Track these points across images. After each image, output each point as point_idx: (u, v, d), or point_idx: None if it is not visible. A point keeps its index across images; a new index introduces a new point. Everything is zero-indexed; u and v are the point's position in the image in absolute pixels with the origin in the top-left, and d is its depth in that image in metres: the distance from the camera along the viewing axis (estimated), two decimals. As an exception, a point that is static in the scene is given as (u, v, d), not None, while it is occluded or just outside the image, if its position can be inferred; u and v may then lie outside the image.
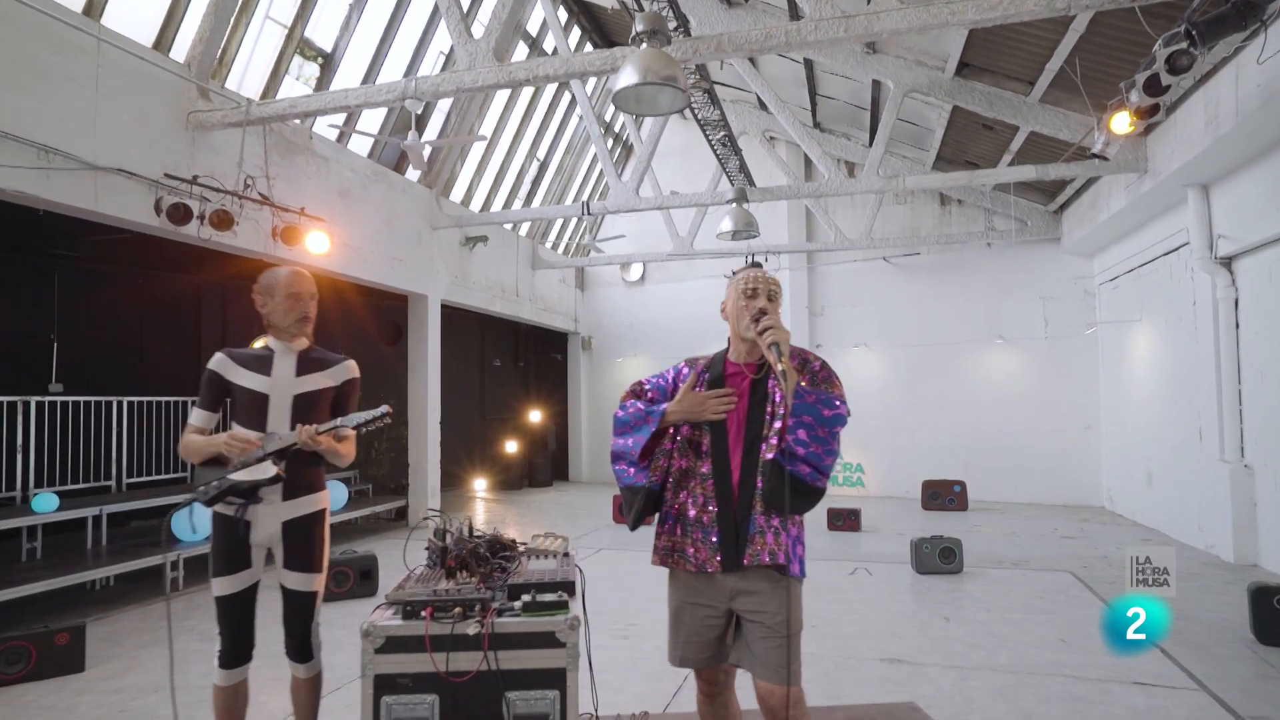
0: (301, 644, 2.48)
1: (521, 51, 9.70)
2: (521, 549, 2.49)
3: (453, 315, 11.44)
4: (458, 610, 1.86)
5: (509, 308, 11.49)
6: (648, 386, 2.31)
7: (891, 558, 6.97)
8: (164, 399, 7.64)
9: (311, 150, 7.28)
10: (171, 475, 7.70)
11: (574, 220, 13.74)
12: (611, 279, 14.04)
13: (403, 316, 9.59)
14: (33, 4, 4.82)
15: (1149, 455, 8.57)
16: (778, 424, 2.02)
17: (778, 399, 2.06)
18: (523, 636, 1.92)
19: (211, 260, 7.00)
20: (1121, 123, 5.59)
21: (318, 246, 6.35)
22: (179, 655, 4.27)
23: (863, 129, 10.72)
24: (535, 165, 11.72)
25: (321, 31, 7.07)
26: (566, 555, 2.38)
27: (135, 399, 7.36)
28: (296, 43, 6.77)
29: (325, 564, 2.57)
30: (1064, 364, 10.69)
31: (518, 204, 11.63)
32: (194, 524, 6.22)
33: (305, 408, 2.50)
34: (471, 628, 1.87)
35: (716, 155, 7.02)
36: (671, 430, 2.17)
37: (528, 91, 10.51)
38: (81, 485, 6.96)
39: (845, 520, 8.68)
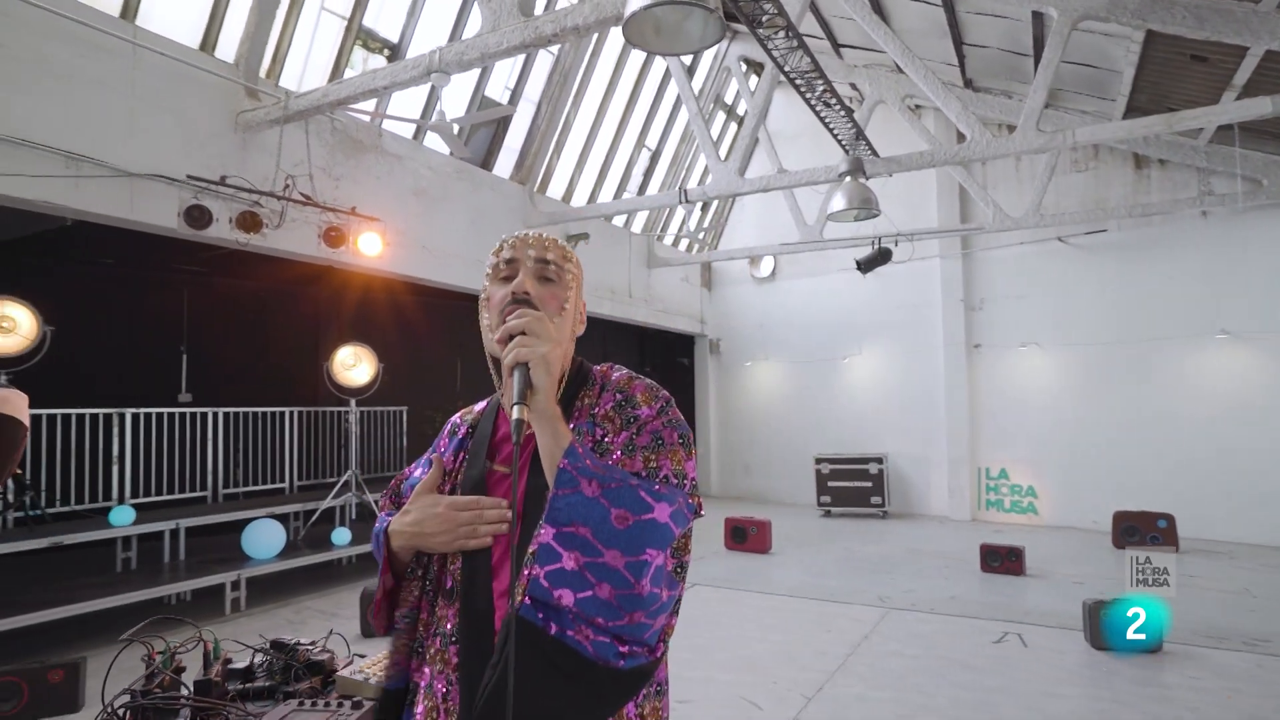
0: None
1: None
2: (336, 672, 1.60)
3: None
4: None
5: (620, 309, 10.73)
6: (405, 483, 1.33)
7: (1059, 619, 5.36)
8: (267, 409, 7.62)
9: (380, 149, 6.90)
10: (268, 486, 7.66)
11: (696, 213, 12.75)
12: (740, 276, 12.90)
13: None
14: (55, 9, 4.66)
15: None
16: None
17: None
18: None
19: (314, 269, 6.86)
20: None
21: (370, 248, 5.89)
22: None
23: (1026, 82, 8.83)
24: (646, 155, 10.88)
25: (385, 20, 6.67)
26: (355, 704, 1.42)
27: (231, 409, 7.34)
28: (356, 34, 6.39)
29: None
30: (1319, 365, 8.16)
31: (626, 199, 10.86)
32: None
33: None
34: None
35: (817, 115, 5.78)
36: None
37: (629, 76, 9.70)
38: (180, 496, 7.02)
39: (1003, 560, 7.01)
